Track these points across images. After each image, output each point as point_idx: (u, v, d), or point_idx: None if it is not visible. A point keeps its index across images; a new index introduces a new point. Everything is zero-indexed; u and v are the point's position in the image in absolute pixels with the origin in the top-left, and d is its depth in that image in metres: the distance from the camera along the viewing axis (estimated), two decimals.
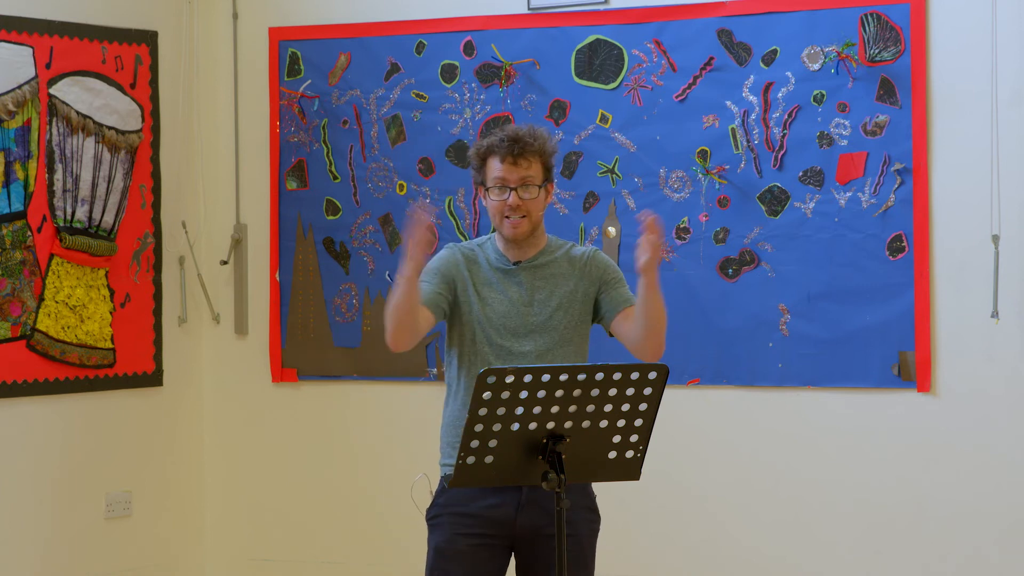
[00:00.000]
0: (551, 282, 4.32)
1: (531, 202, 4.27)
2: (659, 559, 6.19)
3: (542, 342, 4.28)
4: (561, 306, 4.30)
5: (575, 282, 4.33)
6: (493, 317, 4.28)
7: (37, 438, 6.25)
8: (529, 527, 4.23)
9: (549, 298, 4.30)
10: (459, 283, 4.32)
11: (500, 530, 4.24)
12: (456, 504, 4.25)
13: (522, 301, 4.30)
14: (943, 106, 5.79)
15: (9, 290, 6.13)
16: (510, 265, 4.33)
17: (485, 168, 4.31)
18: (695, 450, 6.14)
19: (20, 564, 6.18)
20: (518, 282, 4.32)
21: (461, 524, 4.25)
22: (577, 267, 4.35)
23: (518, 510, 4.23)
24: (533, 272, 4.33)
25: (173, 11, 6.70)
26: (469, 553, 4.24)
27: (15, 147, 6.12)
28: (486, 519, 4.23)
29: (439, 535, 4.28)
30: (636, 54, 6.17)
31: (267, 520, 6.78)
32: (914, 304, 5.82)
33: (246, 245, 6.78)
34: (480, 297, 4.30)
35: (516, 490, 4.22)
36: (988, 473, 5.76)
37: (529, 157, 4.27)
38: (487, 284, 4.32)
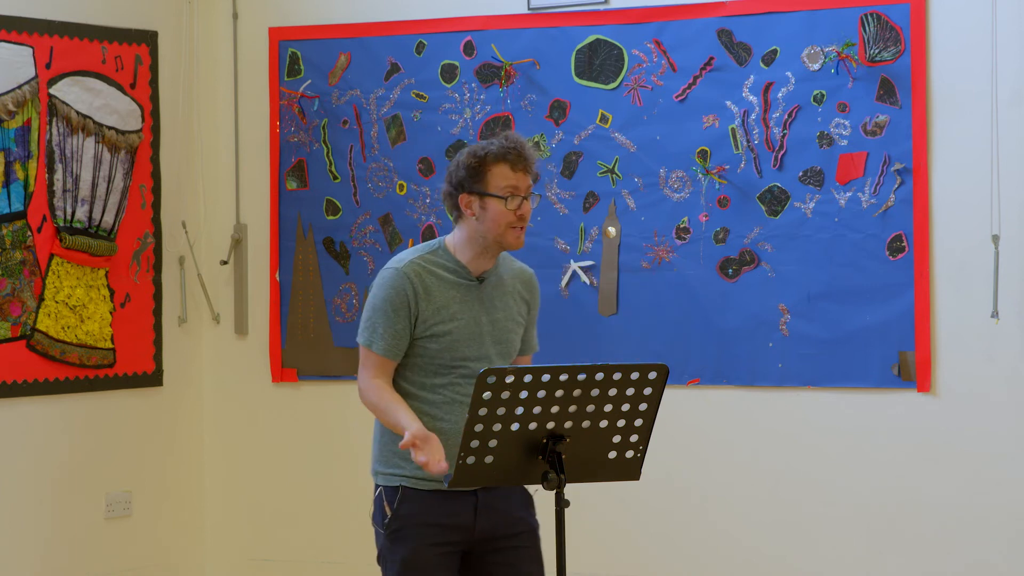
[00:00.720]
0: (506, 299, 4.24)
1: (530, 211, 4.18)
2: (659, 559, 6.19)
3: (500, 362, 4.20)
4: (513, 329, 4.24)
5: (520, 304, 4.27)
6: (458, 339, 4.15)
7: (37, 438, 6.25)
8: (487, 531, 4.19)
9: (505, 318, 4.23)
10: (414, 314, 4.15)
11: (460, 536, 4.19)
12: (420, 514, 4.17)
13: (485, 320, 4.19)
14: (943, 106, 5.79)
15: (9, 290, 6.13)
16: (473, 280, 4.20)
17: (487, 176, 4.14)
18: (695, 450, 6.14)
19: (20, 564, 6.18)
20: (479, 298, 4.20)
21: (427, 534, 4.16)
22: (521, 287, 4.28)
23: (476, 515, 4.18)
24: (493, 287, 4.22)
25: (173, 11, 6.70)
26: (436, 563, 4.17)
27: (15, 147, 6.12)
28: (449, 527, 4.17)
29: (405, 548, 4.18)
30: (636, 54, 6.17)
31: (267, 520, 6.78)
32: (914, 304, 5.82)
33: (246, 245, 6.78)
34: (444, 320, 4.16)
35: (471, 495, 4.16)
36: (988, 473, 5.76)
37: (530, 169, 4.17)
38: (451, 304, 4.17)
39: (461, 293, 4.18)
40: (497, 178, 4.14)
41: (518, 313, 4.25)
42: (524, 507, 4.25)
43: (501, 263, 4.26)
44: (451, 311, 4.16)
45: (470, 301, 4.18)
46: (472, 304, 4.18)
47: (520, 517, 4.22)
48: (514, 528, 4.21)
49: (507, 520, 4.20)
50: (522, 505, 4.24)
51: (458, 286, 4.18)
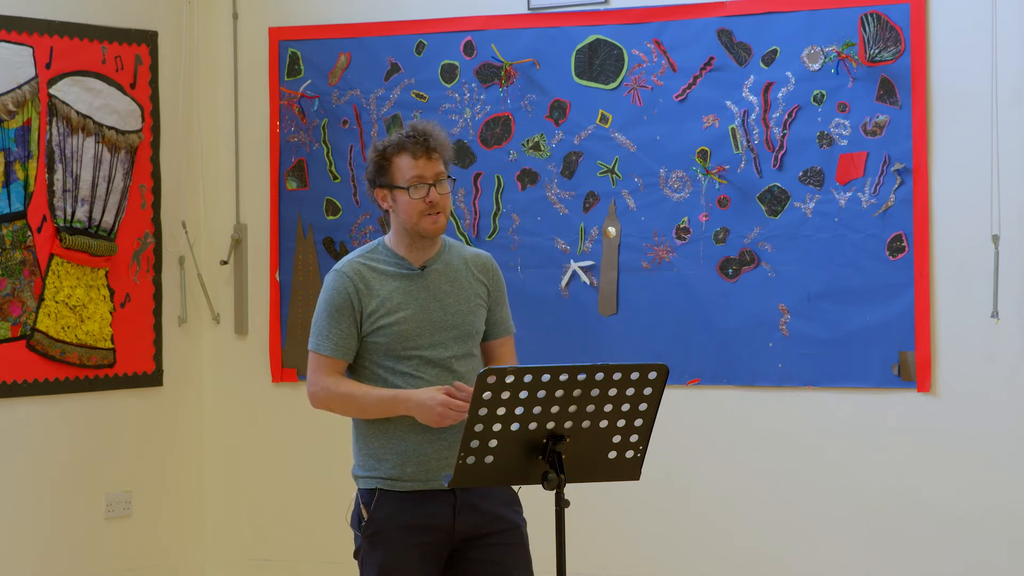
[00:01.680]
0: (457, 284, 4.24)
1: (445, 197, 4.19)
2: (659, 559, 6.19)
3: (459, 347, 4.20)
4: (471, 310, 4.24)
5: (477, 286, 4.27)
6: (408, 328, 4.17)
7: (37, 438, 6.25)
8: (468, 529, 4.18)
9: (459, 302, 4.23)
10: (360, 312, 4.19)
11: (439, 536, 4.18)
12: (397, 516, 4.16)
13: (434, 306, 4.20)
14: (943, 106, 5.79)
15: (9, 290, 6.13)
16: (415, 270, 4.22)
17: (391, 168, 4.20)
18: (695, 450, 6.14)
19: (20, 564, 6.18)
20: (425, 286, 4.21)
21: (406, 537, 4.15)
22: (476, 270, 4.28)
23: (455, 514, 4.17)
24: (436, 276, 4.23)
25: (173, 11, 6.70)
26: (415, 565, 4.16)
27: (15, 147, 6.12)
28: (427, 528, 4.16)
29: (383, 551, 4.16)
30: (636, 54, 6.17)
31: (267, 520, 6.78)
32: (914, 304, 5.82)
33: (246, 245, 6.78)
34: (390, 312, 4.18)
35: (450, 494, 4.15)
36: (988, 473, 5.76)
37: (439, 151, 4.19)
38: (394, 295, 4.19)
39: (404, 284, 4.21)
40: (400, 169, 4.19)
41: (475, 295, 4.25)
42: (506, 504, 4.22)
43: (450, 250, 4.28)
44: (395, 302, 4.18)
45: (414, 290, 4.20)
46: (417, 293, 4.20)
47: (501, 515, 4.20)
48: (496, 526, 4.19)
49: (488, 518, 4.18)
50: (504, 502, 4.22)
51: (400, 277, 4.21)
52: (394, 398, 4.12)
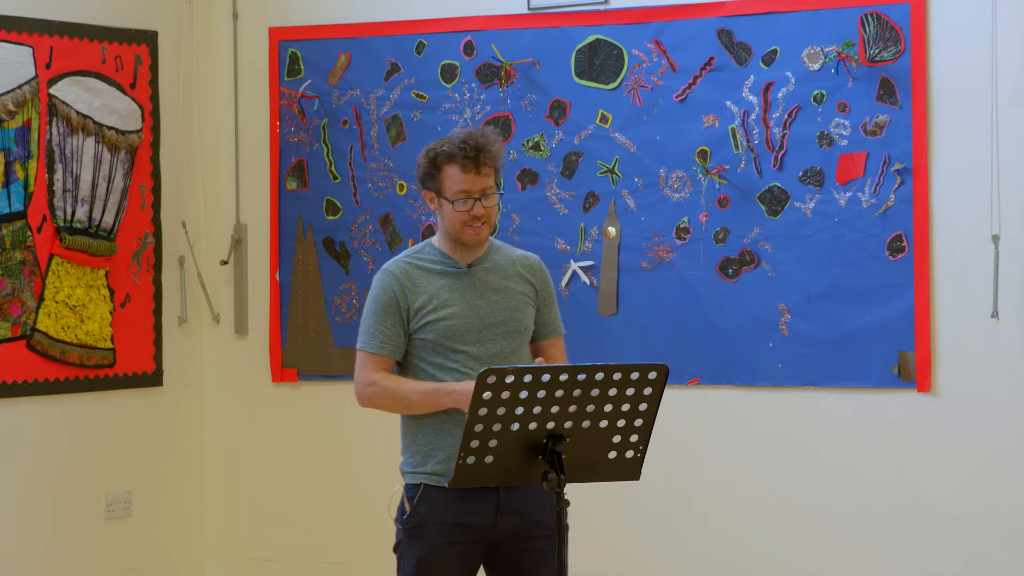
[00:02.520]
0: (503, 283, 4.28)
1: (491, 209, 4.24)
2: (659, 559, 6.19)
3: (506, 344, 4.24)
4: (519, 307, 4.28)
5: (524, 285, 4.31)
6: (455, 324, 4.22)
7: (37, 438, 6.25)
8: (508, 532, 4.21)
9: (506, 299, 4.27)
10: (407, 309, 4.24)
11: (479, 536, 4.21)
12: (438, 512, 4.20)
13: (481, 303, 4.25)
14: (943, 106, 5.80)
15: (9, 290, 6.13)
16: (462, 268, 4.27)
17: (440, 176, 4.23)
18: (695, 450, 6.14)
19: (20, 564, 6.18)
20: (473, 285, 4.26)
21: (446, 533, 4.19)
22: (523, 270, 4.33)
23: (497, 514, 4.20)
24: (484, 275, 4.28)
25: (173, 11, 6.70)
26: (453, 562, 4.20)
27: (15, 147, 6.12)
28: (467, 526, 4.19)
29: (422, 545, 4.21)
30: (636, 54, 6.17)
31: (267, 520, 6.78)
32: (914, 304, 5.82)
33: (246, 245, 6.78)
34: (437, 308, 4.23)
35: (493, 494, 4.18)
36: (988, 473, 5.76)
37: (489, 164, 4.21)
38: (441, 292, 4.24)
39: (451, 281, 4.25)
40: (449, 179, 4.23)
41: (522, 294, 4.30)
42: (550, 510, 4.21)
43: (499, 251, 4.34)
44: (442, 299, 4.23)
45: (461, 288, 4.25)
46: (464, 290, 4.25)
47: (542, 520, 4.21)
48: (535, 531, 4.21)
49: (529, 522, 4.21)
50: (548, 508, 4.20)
51: (446, 275, 4.26)
52: (438, 390, 4.16)
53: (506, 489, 4.18)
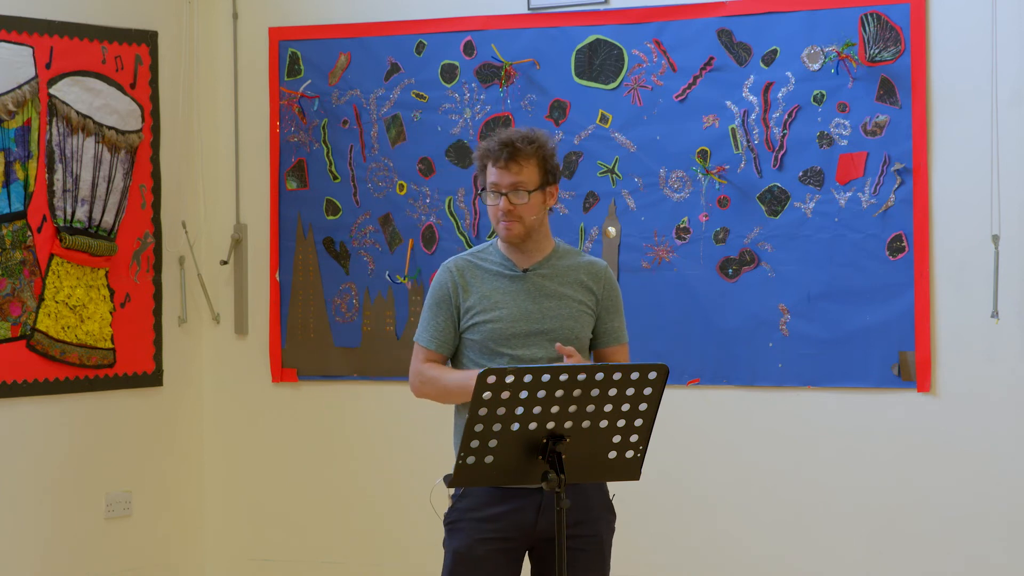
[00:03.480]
0: (560, 291, 4.30)
1: (523, 207, 4.25)
2: (659, 559, 6.19)
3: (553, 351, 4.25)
4: (572, 315, 4.28)
5: (584, 293, 4.31)
6: (501, 327, 4.26)
7: (37, 438, 6.25)
8: (548, 530, 4.21)
9: (560, 306, 4.28)
10: (457, 307, 4.30)
11: (519, 534, 4.23)
12: (476, 508, 4.24)
13: (532, 308, 4.27)
14: (943, 106, 5.79)
15: (9, 290, 6.13)
16: (518, 271, 4.31)
17: (484, 171, 4.31)
18: (695, 450, 6.14)
19: (20, 564, 6.18)
20: (525, 289, 4.29)
21: (481, 529, 4.22)
22: (586, 277, 4.33)
23: (538, 514, 4.21)
24: (539, 280, 4.30)
25: (173, 11, 6.70)
26: (487, 559, 4.23)
27: (15, 147, 6.12)
28: (506, 523, 4.22)
29: (458, 540, 4.25)
30: (636, 54, 6.17)
31: (267, 520, 6.78)
32: (914, 304, 5.82)
33: (246, 245, 6.78)
34: (487, 309, 4.28)
35: (536, 493, 4.20)
36: (988, 473, 5.76)
37: (522, 161, 4.24)
38: (492, 294, 4.29)
39: (505, 284, 4.29)
40: (488, 174, 4.30)
41: (578, 302, 4.29)
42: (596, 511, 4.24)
43: (564, 256, 4.35)
44: (492, 300, 4.28)
45: (515, 291, 4.28)
46: (517, 294, 4.28)
47: (585, 521, 4.22)
48: (578, 531, 4.21)
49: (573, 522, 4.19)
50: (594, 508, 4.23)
51: (502, 277, 4.30)
52: (469, 376, 4.18)
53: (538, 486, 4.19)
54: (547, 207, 4.31)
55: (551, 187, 4.31)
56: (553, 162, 4.31)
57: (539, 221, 4.29)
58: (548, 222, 4.36)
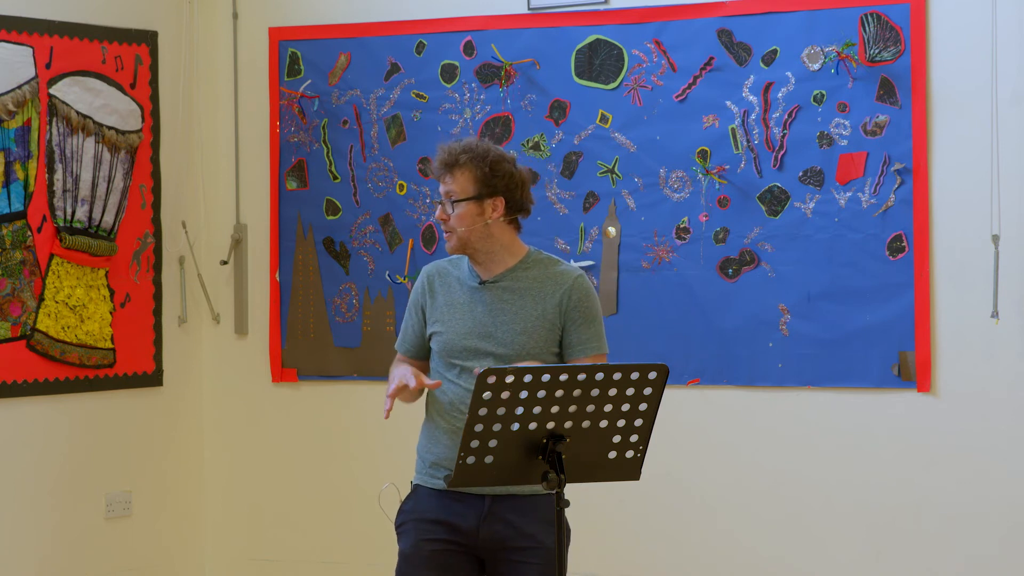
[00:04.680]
0: (516, 305, 4.24)
1: (456, 217, 4.21)
2: (659, 559, 6.19)
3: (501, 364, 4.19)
4: (525, 331, 4.22)
5: (543, 308, 4.23)
6: (455, 339, 4.23)
7: (37, 438, 6.25)
8: (492, 539, 4.22)
9: (513, 320, 4.23)
10: (426, 309, 4.32)
11: (464, 539, 4.23)
12: (421, 511, 4.26)
13: (487, 321, 4.23)
14: (943, 106, 5.80)
15: (9, 290, 6.13)
16: (477, 283, 4.27)
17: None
18: (695, 450, 6.14)
19: (20, 564, 6.18)
20: (483, 301, 4.24)
21: (425, 530, 4.24)
22: (551, 291, 4.24)
23: (480, 520, 4.22)
24: (499, 292, 4.25)
25: (173, 11, 6.70)
26: (433, 558, 4.23)
27: (15, 147, 6.12)
28: (450, 526, 4.23)
29: (404, 541, 4.28)
30: (636, 54, 6.17)
31: (267, 520, 6.78)
32: (914, 304, 5.82)
33: (246, 245, 6.78)
34: (446, 318, 4.26)
35: (479, 500, 4.20)
36: (988, 473, 5.76)
37: (455, 171, 4.22)
38: (455, 304, 4.27)
39: (464, 296, 4.27)
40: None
41: (538, 316, 4.22)
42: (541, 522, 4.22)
43: (533, 266, 4.27)
44: (450, 311, 4.26)
45: (472, 303, 4.25)
46: (473, 306, 4.25)
47: (531, 533, 4.21)
48: (522, 542, 4.21)
49: (516, 533, 4.20)
50: (539, 520, 4.22)
51: (463, 288, 4.28)
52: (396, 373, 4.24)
53: (496, 497, 4.20)
54: (487, 219, 4.22)
55: (492, 199, 4.22)
56: (495, 173, 4.22)
57: (478, 234, 4.21)
58: (510, 234, 4.26)
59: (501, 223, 4.24)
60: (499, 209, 4.23)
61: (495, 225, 4.23)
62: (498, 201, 4.23)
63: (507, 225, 4.26)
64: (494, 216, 4.23)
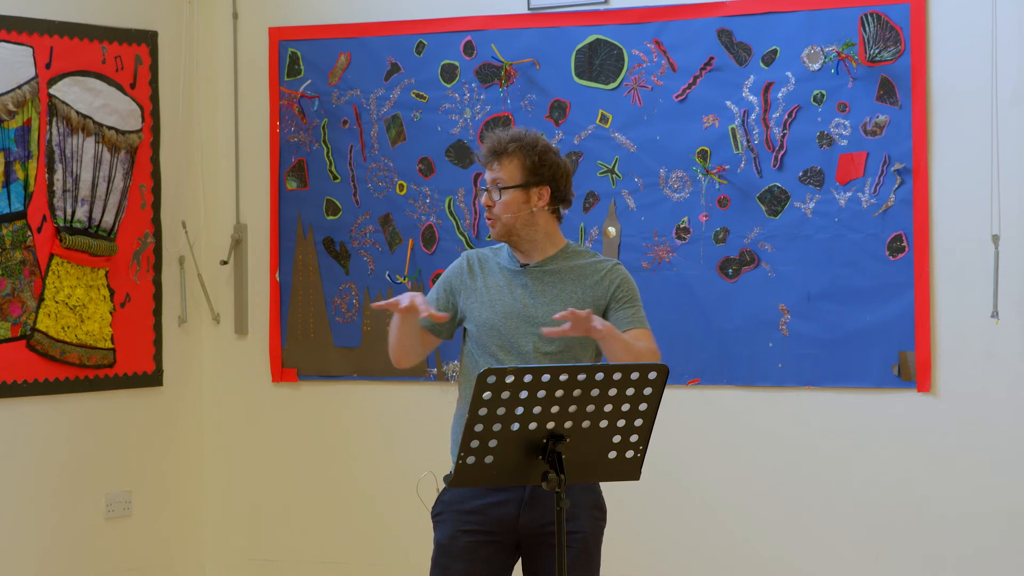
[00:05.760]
0: (557, 287, 4.32)
1: (500, 204, 4.30)
2: (659, 559, 6.19)
3: (544, 344, 4.27)
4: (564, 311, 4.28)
5: (584, 291, 4.32)
6: (496, 319, 4.29)
7: (37, 438, 6.25)
8: (532, 525, 4.25)
9: (553, 303, 4.29)
10: (461, 292, 4.36)
11: (503, 528, 4.26)
12: (459, 501, 4.27)
13: (526, 303, 4.30)
14: (943, 106, 5.79)
15: (9, 290, 6.13)
16: (518, 267, 4.35)
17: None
18: (695, 450, 6.14)
19: (20, 564, 6.18)
20: (523, 284, 4.32)
21: (463, 521, 4.26)
22: (591, 276, 4.34)
23: (521, 508, 4.24)
24: (540, 276, 4.33)
25: (173, 11, 6.70)
26: (470, 550, 4.26)
27: (15, 147, 6.12)
28: (488, 517, 4.25)
29: (441, 531, 4.30)
30: (636, 54, 6.17)
31: (267, 520, 6.78)
32: (914, 304, 5.82)
33: (246, 245, 6.78)
34: (486, 300, 4.32)
35: (519, 488, 4.23)
36: (988, 473, 5.76)
37: (503, 159, 4.31)
38: (495, 287, 4.34)
39: (504, 279, 4.35)
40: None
41: (578, 298, 4.30)
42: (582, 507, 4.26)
43: (572, 256, 4.38)
44: (490, 296, 4.32)
45: (513, 287, 4.33)
46: (515, 289, 4.33)
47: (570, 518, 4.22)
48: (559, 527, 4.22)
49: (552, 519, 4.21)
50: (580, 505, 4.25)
51: (504, 272, 4.36)
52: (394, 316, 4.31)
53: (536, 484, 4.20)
54: (532, 207, 4.31)
55: (539, 188, 4.31)
56: (543, 163, 4.31)
57: (522, 221, 4.31)
58: (552, 223, 4.36)
59: (545, 212, 4.34)
60: (544, 198, 4.33)
61: (539, 214, 4.33)
62: (544, 190, 4.33)
63: (550, 215, 4.36)
64: (540, 204, 4.33)
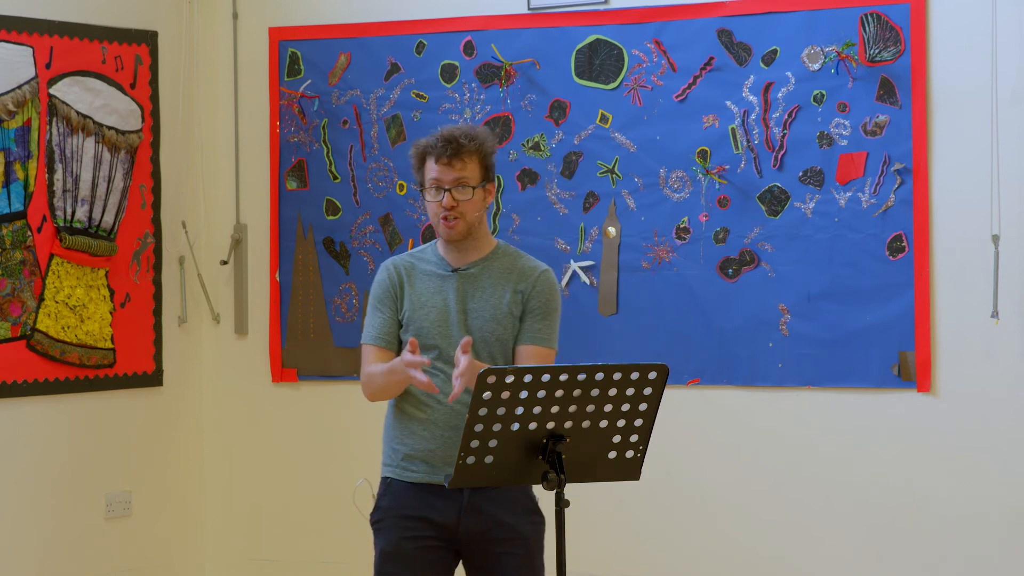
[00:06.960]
0: (486, 291, 4.27)
1: (466, 203, 4.22)
2: (659, 559, 6.19)
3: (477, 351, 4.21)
4: (495, 318, 4.25)
5: (509, 295, 4.27)
6: (428, 326, 4.24)
7: (37, 438, 6.25)
8: (472, 532, 4.22)
9: (483, 307, 4.25)
10: (399, 300, 4.29)
11: (443, 533, 4.24)
12: (399, 507, 4.25)
13: (457, 308, 4.25)
14: (943, 106, 5.80)
15: (9, 290, 6.13)
16: (448, 271, 4.29)
17: (424, 168, 4.27)
18: (695, 450, 6.14)
19: (20, 564, 6.18)
20: (453, 288, 4.26)
21: (404, 528, 4.24)
22: (517, 279, 4.28)
23: (460, 514, 4.22)
24: (469, 279, 4.27)
25: (173, 11, 6.70)
26: (414, 556, 4.24)
27: (15, 147, 6.12)
28: (429, 522, 4.23)
29: (383, 539, 4.28)
30: (636, 54, 6.17)
31: (267, 520, 6.79)
32: (914, 304, 5.82)
33: (246, 245, 6.79)
34: (417, 307, 4.26)
35: (458, 493, 4.20)
36: (988, 473, 5.76)
37: (464, 157, 4.22)
38: (424, 293, 4.27)
39: (436, 283, 4.28)
40: (427, 170, 4.26)
41: (506, 304, 4.25)
42: (520, 513, 4.24)
43: (502, 257, 4.32)
44: (423, 300, 4.26)
45: (444, 290, 4.26)
46: (446, 293, 4.26)
47: (509, 523, 4.22)
48: (501, 533, 4.22)
49: (494, 524, 4.21)
50: (518, 511, 4.24)
51: (434, 276, 4.29)
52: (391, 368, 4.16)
53: (474, 489, 4.19)
54: (486, 205, 4.29)
55: (490, 185, 4.28)
56: (492, 160, 4.29)
57: (479, 219, 4.27)
58: (487, 223, 4.35)
59: (484, 210, 4.30)
60: (492, 195, 4.31)
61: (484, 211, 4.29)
62: (492, 187, 4.31)
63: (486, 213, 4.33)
64: (489, 201, 4.30)
